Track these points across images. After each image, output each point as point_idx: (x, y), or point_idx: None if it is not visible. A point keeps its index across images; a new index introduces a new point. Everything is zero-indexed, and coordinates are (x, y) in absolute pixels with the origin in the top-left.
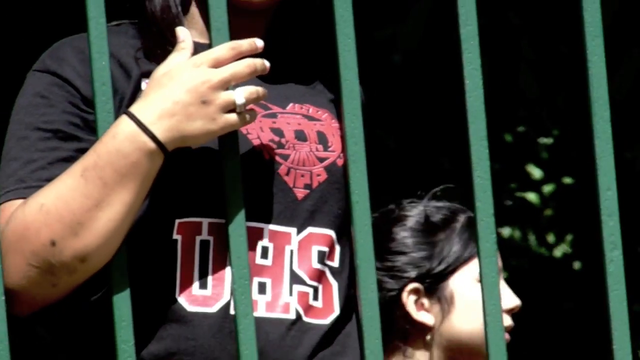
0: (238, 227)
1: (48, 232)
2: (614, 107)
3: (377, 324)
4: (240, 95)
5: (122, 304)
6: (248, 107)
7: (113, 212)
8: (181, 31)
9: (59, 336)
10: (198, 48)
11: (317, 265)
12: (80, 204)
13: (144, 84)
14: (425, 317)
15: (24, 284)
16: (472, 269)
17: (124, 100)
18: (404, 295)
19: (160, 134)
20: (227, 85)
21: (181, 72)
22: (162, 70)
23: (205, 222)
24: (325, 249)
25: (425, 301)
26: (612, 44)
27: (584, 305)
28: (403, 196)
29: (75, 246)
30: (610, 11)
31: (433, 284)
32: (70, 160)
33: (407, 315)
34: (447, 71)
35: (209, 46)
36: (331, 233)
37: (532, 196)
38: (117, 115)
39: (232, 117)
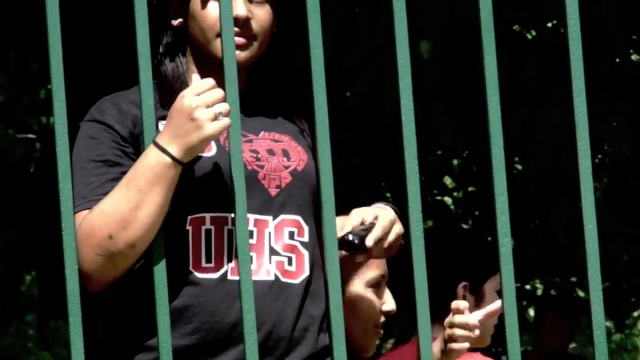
0: (241, 216)
1: (106, 229)
2: (505, 142)
3: (338, 286)
4: (217, 108)
5: (160, 272)
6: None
7: (148, 210)
8: (194, 77)
9: (121, 299)
10: None
11: (289, 242)
12: (125, 207)
13: (160, 125)
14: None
15: (94, 268)
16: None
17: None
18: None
19: (174, 152)
20: (206, 105)
21: (177, 104)
22: (172, 106)
23: (208, 216)
24: (294, 229)
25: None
26: (502, 105)
27: None
28: None
29: (125, 237)
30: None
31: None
32: (117, 180)
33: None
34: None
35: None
36: (298, 218)
37: (447, 199)
38: (134, 152)
39: (216, 123)
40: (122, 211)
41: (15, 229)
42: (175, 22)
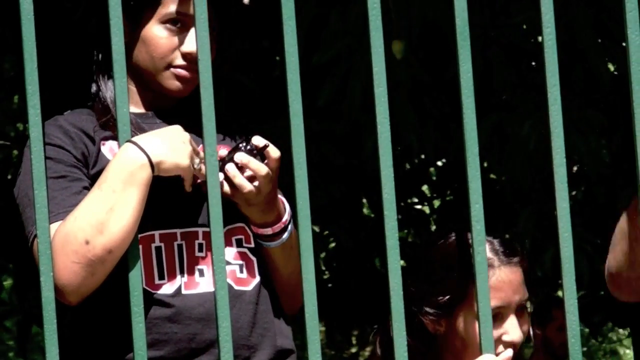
0: (217, 224)
1: (82, 234)
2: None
3: (313, 294)
4: (201, 155)
5: (135, 280)
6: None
7: (124, 212)
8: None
9: (93, 315)
10: (135, 116)
11: (237, 249)
12: (100, 209)
13: (102, 146)
14: None
15: (72, 278)
16: None
17: (91, 157)
18: None
19: (148, 149)
20: (196, 150)
21: (173, 128)
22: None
23: (157, 233)
24: (241, 236)
25: None
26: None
27: None
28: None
29: (102, 241)
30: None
31: None
32: (80, 193)
33: None
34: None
35: (144, 114)
36: (242, 224)
37: (425, 208)
38: (87, 173)
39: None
40: (97, 214)
41: None
42: None
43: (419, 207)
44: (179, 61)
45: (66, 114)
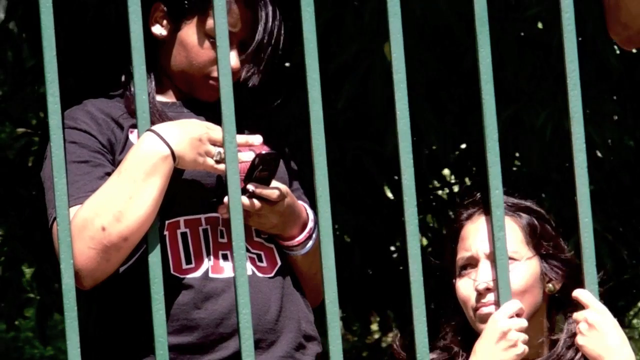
0: (236, 212)
1: (99, 221)
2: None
3: (333, 280)
4: (220, 150)
5: (155, 266)
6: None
7: (142, 202)
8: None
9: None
10: (164, 106)
11: (256, 239)
12: (119, 197)
13: (130, 134)
14: None
15: (87, 263)
16: None
17: (118, 144)
18: None
19: (171, 141)
20: (215, 143)
21: (193, 121)
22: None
23: (182, 219)
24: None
25: None
26: (498, 98)
27: None
28: None
29: (119, 229)
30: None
31: None
32: (102, 179)
33: None
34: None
35: (173, 104)
36: None
37: (443, 193)
38: (112, 160)
39: (210, 160)
40: (114, 201)
41: (16, 223)
42: (157, 32)
43: (446, 191)
44: (217, 74)
45: (94, 100)
